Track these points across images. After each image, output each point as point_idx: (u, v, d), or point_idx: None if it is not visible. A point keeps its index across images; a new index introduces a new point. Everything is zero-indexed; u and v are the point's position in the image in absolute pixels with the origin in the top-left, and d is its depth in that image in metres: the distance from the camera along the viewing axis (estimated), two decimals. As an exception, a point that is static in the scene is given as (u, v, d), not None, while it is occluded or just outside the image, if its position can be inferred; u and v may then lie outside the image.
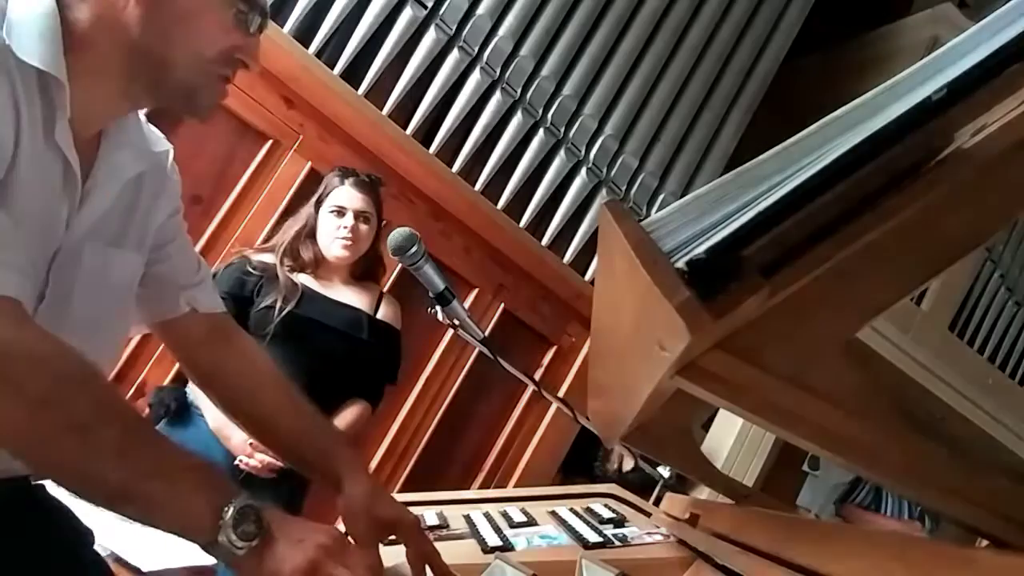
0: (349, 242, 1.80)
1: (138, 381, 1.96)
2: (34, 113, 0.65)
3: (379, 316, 1.90)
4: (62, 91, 0.67)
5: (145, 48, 0.70)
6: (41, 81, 0.66)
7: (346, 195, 1.83)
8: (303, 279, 1.80)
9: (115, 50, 0.70)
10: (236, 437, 1.65)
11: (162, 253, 0.90)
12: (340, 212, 1.81)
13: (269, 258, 1.80)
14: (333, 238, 1.80)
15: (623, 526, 1.08)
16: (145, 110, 0.83)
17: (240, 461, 1.65)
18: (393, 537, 0.84)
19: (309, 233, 1.83)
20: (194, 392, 1.72)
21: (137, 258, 0.84)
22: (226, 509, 0.61)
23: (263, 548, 0.62)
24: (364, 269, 1.90)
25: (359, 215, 1.82)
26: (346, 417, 1.81)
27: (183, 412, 1.71)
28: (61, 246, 0.72)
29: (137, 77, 0.73)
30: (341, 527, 0.84)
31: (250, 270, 1.76)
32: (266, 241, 1.95)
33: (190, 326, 0.93)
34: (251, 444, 1.64)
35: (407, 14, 2.19)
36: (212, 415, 1.67)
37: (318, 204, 1.85)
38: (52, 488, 0.86)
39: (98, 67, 0.70)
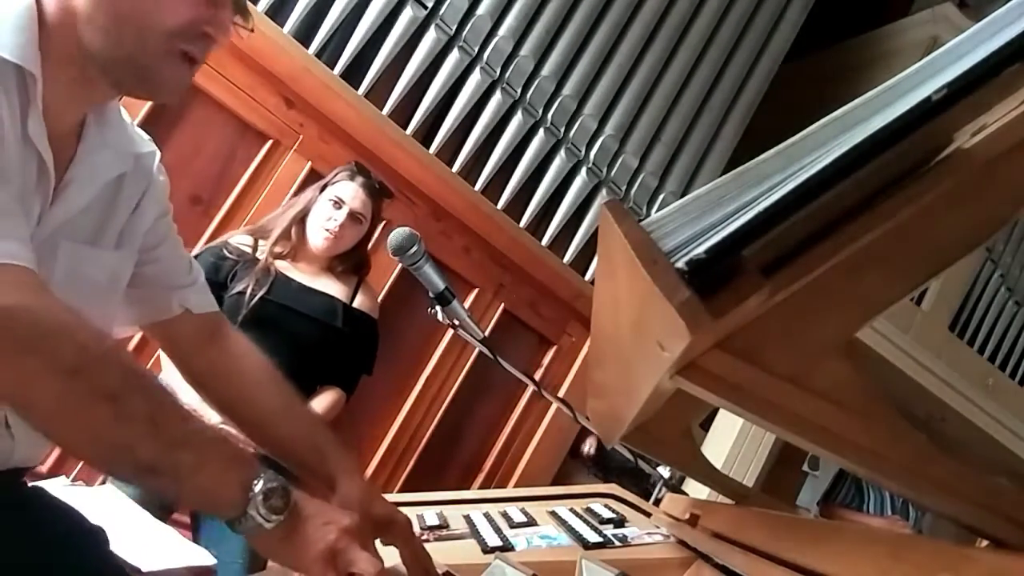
0: (332, 236, 1.80)
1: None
2: (12, 107, 0.65)
3: (355, 305, 1.89)
4: (34, 84, 0.66)
5: (94, 22, 0.66)
6: (18, 75, 0.65)
7: (350, 191, 1.84)
8: (279, 265, 1.79)
9: (71, 32, 0.67)
10: (208, 419, 1.64)
11: (152, 255, 0.89)
12: (337, 204, 1.82)
13: (249, 241, 1.79)
14: (320, 227, 1.81)
15: (623, 526, 1.08)
16: (117, 100, 0.80)
17: None
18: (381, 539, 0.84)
19: (303, 216, 1.84)
20: (167, 376, 1.71)
21: (115, 256, 0.83)
22: (256, 482, 0.61)
23: (289, 525, 0.63)
24: (344, 268, 1.89)
25: (354, 214, 1.83)
26: (319, 404, 1.80)
27: None
28: (31, 241, 0.71)
29: (91, 59, 0.68)
30: None
31: (226, 254, 1.74)
32: (258, 221, 1.93)
33: (183, 327, 0.93)
34: (222, 425, 1.63)
35: (407, 14, 2.19)
36: (185, 398, 1.66)
37: (321, 189, 1.86)
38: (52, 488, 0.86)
39: (61, 55, 0.67)
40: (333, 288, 1.86)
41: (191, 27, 0.68)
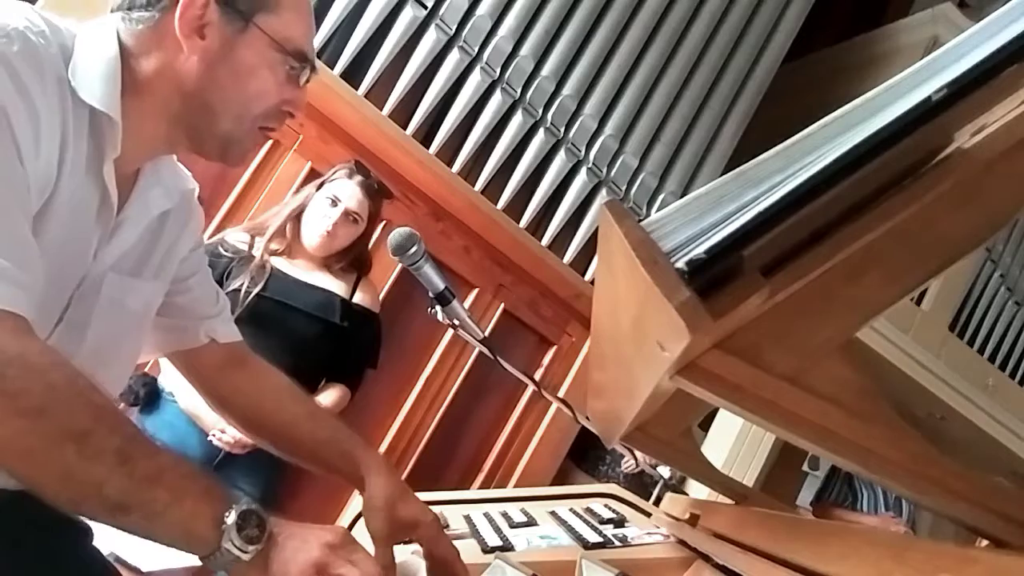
0: (326, 234, 1.79)
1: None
2: (80, 148, 0.69)
3: (355, 300, 1.88)
4: (115, 131, 0.70)
5: (198, 100, 0.74)
6: (93, 119, 0.69)
7: (347, 190, 1.83)
8: (276, 261, 1.78)
9: (169, 98, 0.73)
10: (207, 416, 1.64)
11: (184, 286, 0.92)
12: (333, 202, 1.81)
13: (245, 238, 1.78)
14: (315, 224, 1.80)
15: (623, 526, 1.08)
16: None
17: (212, 436, 1.64)
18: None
19: (299, 212, 1.83)
20: (165, 377, 1.71)
21: (154, 286, 0.86)
22: (227, 514, 0.61)
23: (267, 552, 0.62)
24: (342, 265, 1.88)
25: (349, 213, 1.82)
26: (323, 402, 1.80)
27: (153, 398, 1.70)
28: (87, 275, 0.75)
29: (183, 125, 0.76)
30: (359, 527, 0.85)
31: (221, 251, 1.74)
32: (255, 218, 1.94)
33: (208, 356, 0.95)
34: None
35: (407, 14, 2.19)
36: (184, 396, 1.66)
37: (319, 186, 1.85)
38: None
39: (149, 112, 0.73)
40: (331, 284, 1.85)
41: (277, 108, 0.78)
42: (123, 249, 0.78)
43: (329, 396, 1.83)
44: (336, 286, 1.85)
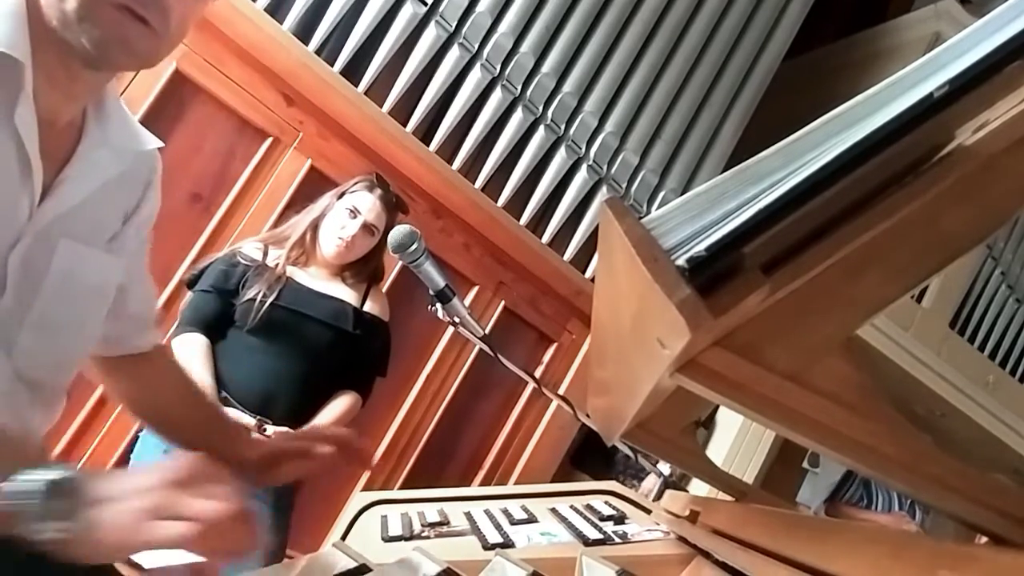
0: (344, 245, 1.82)
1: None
2: None
3: (366, 309, 1.90)
4: (22, 71, 0.64)
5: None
6: (3, 64, 0.63)
7: (367, 203, 1.85)
8: (291, 271, 1.81)
9: (43, 15, 0.66)
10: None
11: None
12: (353, 214, 1.83)
13: (260, 248, 1.81)
14: (334, 234, 1.82)
15: (623, 523, 1.08)
16: (116, 97, 0.80)
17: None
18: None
19: (318, 222, 1.85)
20: None
21: (111, 260, 0.82)
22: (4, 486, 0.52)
23: (90, 518, 0.53)
24: (355, 275, 1.90)
25: (367, 226, 1.84)
26: (335, 409, 1.80)
27: None
28: (22, 236, 0.70)
29: (58, 37, 0.67)
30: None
31: (238, 260, 1.77)
32: (272, 229, 1.97)
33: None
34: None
35: (407, 11, 2.18)
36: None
37: (339, 196, 1.87)
38: None
39: (43, 40, 0.66)
40: (343, 293, 1.86)
41: None
42: (63, 209, 0.73)
43: (341, 403, 1.83)
44: (347, 295, 1.87)
